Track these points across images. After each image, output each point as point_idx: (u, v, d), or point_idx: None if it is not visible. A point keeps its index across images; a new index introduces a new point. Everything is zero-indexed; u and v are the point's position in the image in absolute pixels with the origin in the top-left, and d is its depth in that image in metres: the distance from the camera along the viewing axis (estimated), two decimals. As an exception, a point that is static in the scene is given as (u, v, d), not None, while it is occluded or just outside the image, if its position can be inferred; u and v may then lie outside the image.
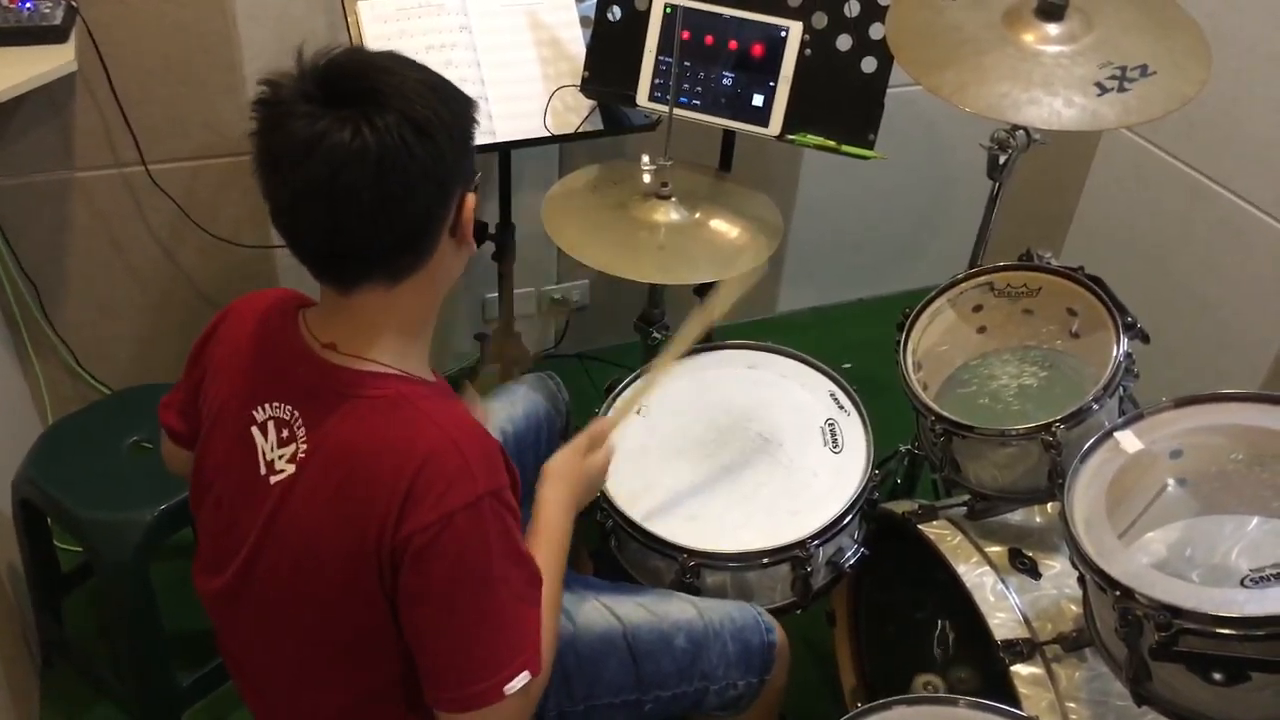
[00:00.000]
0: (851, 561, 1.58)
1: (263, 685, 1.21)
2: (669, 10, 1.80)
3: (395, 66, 1.02)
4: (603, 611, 1.41)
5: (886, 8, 1.71)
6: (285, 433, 1.08)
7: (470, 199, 1.08)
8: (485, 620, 1.04)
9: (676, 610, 1.42)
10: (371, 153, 0.96)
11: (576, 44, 1.95)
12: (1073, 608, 1.47)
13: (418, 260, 1.05)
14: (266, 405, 1.09)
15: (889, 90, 1.77)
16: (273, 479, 1.08)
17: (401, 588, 1.03)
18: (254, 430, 1.10)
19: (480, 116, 1.84)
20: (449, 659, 1.05)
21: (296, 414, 1.07)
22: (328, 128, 0.96)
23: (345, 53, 1.01)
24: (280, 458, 1.08)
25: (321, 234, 1.00)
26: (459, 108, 1.04)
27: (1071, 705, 1.38)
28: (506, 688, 1.04)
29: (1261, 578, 1.19)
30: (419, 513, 1.00)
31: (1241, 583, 1.20)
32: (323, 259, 1.04)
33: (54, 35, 1.80)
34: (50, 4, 1.80)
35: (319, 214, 0.98)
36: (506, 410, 1.64)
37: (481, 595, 1.04)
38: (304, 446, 1.06)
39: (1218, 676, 1.11)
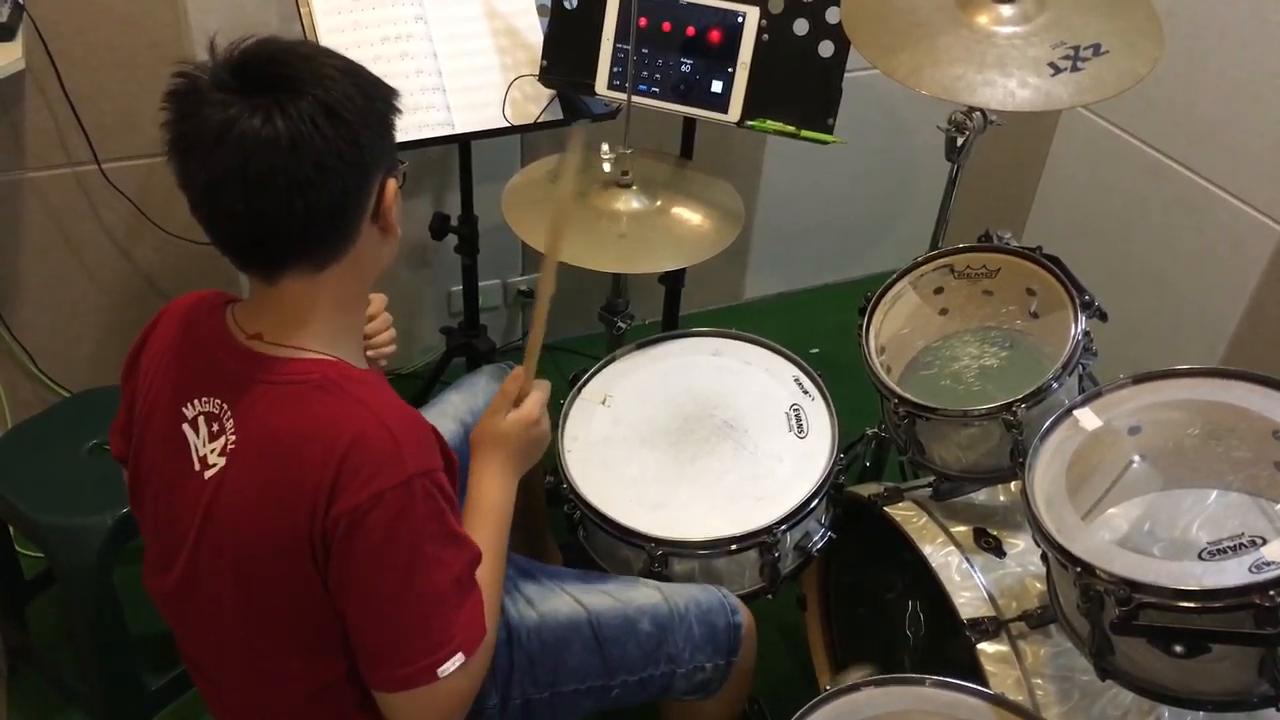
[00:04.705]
0: (819, 545, 1.58)
1: (218, 682, 1.21)
2: (625, -3, 1.79)
3: (311, 53, 1.01)
4: (567, 599, 1.41)
5: (842, -9, 1.71)
6: (215, 426, 1.07)
7: (391, 185, 1.07)
8: (416, 602, 1.04)
9: (641, 595, 1.42)
10: (282, 138, 0.96)
11: (534, 33, 1.94)
12: (1037, 585, 1.48)
13: (338, 246, 1.05)
14: (195, 401, 1.09)
15: (848, 74, 1.77)
16: (206, 474, 1.08)
17: (332, 569, 1.03)
18: (185, 427, 1.09)
19: (438, 108, 1.85)
20: (381, 640, 1.05)
21: (225, 407, 1.07)
22: (239, 115, 0.95)
23: (259, 41, 1.00)
24: (212, 452, 1.07)
25: (238, 221, 1.00)
26: (376, 93, 1.03)
27: (1038, 681, 1.39)
28: (440, 669, 1.05)
29: (1219, 550, 1.20)
30: (348, 494, 1.00)
31: (1199, 555, 1.21)
32: (242, 247, 1.04)
33: (1, 33, 1.76)
34: (-5, 1, 1.77)
35: (234, 201, 0.98)
36: (467, 402, 1.63)
37: (412, 576, 1.03)
38: (233, 438, 1.06)
39: (1178, 649, 1.13)
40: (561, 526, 1.62)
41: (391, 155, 1.07)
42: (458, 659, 1.06)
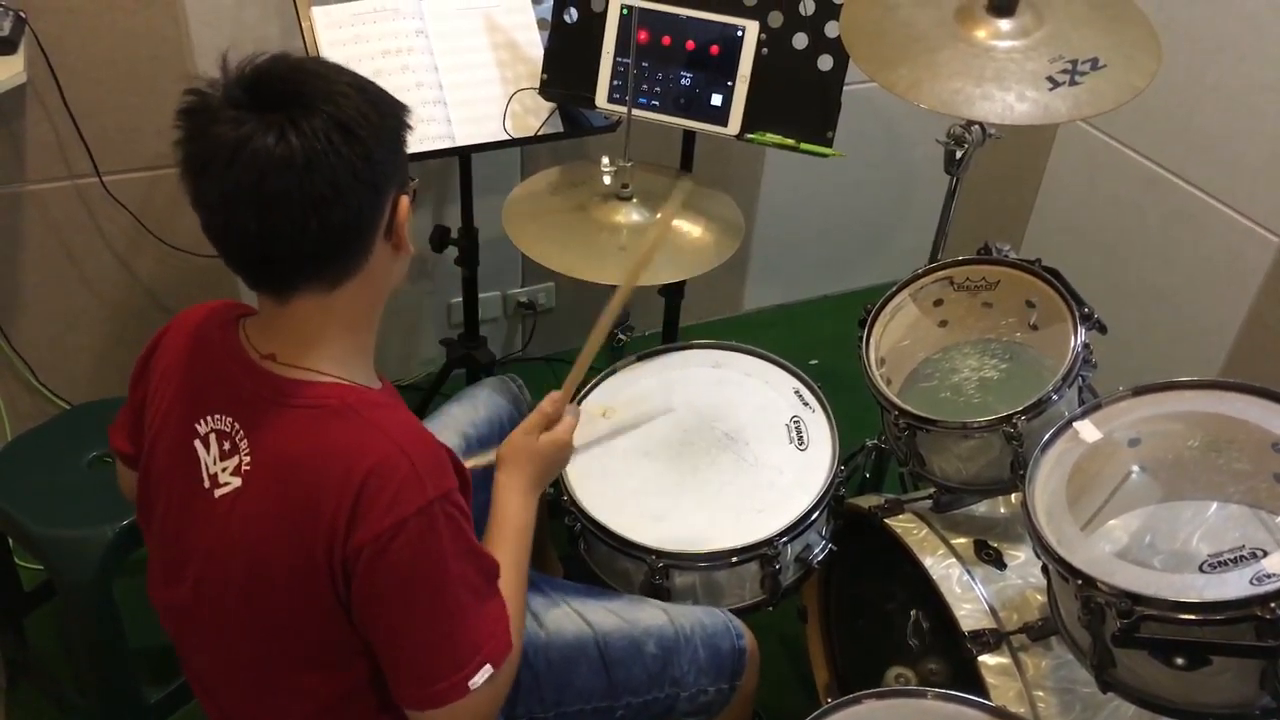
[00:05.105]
0: (820, 557, 1.58)
1: (222, 697, 1.20)
2: (625, 11, 1.80)
3: (323, 70, 1.01)
4: (574, 618, 1.41)
5: (841, 5, 1.72)
6: (227, 445, 1.07)
7: (404, 201, 1.07)
8: (444, 620, 1.04)
9: (647, 616, 1.42)
10: (298, 156, 0.95)
11: (534, 46, 1.94)
12: (1038, 597, 1.48)
13: (352, 264, 1.04)
14: (208, 418, 1.08)
15: (847, 87, 1.78)
16: (217, 492, 1.07)
17: (355, 595, 1.03)
18: (196, 443, 1.09)
19: (439, 121, 1.86)
20: (411, 659, 1.05)
21: (238, 426, 1.06)
22: (252, 132, 0.94)
23: (271, 59, 1.00)
24: (224, 470, 1.07)
25: (251, 240, 0.99)
26: (388, 109, 1.03)
27: (1039, 694, 1.39)
28: (470, 683, 1.05)
29: (1219, 562, 1.20)
30: (369, 522, 1.00)
31: (1200, 568, 1.21)
32: (255, 266, 1.03)
33: (2, 47, 1.77)
34: (-3, 15, 1.78)
35: (247, 220, 0.97)
36: (468, 414, 1.63)
37: (438, 596, 1.04)
38: (247, 459, 1.05)
39: (1179, 661, 1.13)
40: (563, 538, 1.62)
41: (403, 171, 1.06)
42: (486, 670, 1.06)
